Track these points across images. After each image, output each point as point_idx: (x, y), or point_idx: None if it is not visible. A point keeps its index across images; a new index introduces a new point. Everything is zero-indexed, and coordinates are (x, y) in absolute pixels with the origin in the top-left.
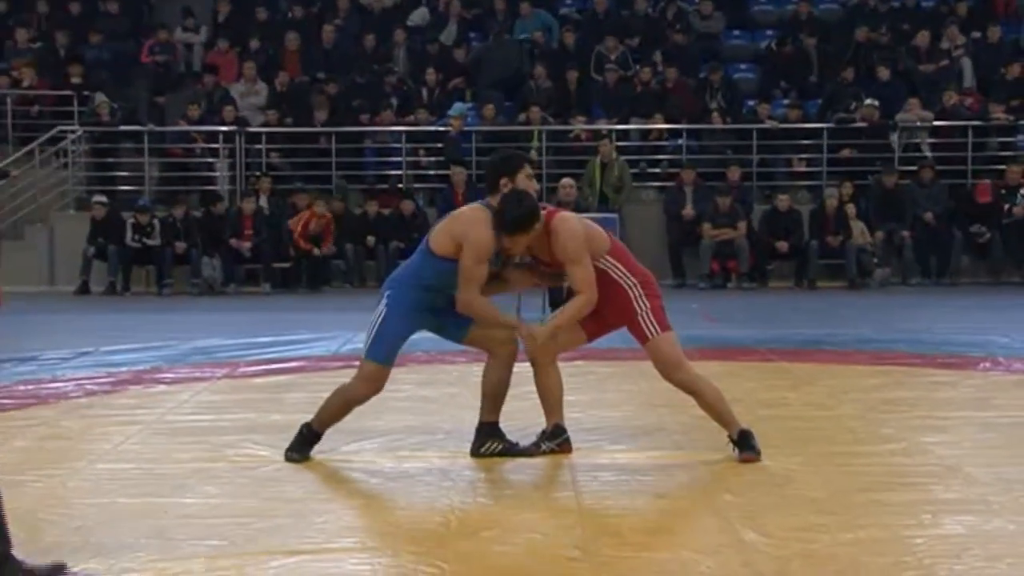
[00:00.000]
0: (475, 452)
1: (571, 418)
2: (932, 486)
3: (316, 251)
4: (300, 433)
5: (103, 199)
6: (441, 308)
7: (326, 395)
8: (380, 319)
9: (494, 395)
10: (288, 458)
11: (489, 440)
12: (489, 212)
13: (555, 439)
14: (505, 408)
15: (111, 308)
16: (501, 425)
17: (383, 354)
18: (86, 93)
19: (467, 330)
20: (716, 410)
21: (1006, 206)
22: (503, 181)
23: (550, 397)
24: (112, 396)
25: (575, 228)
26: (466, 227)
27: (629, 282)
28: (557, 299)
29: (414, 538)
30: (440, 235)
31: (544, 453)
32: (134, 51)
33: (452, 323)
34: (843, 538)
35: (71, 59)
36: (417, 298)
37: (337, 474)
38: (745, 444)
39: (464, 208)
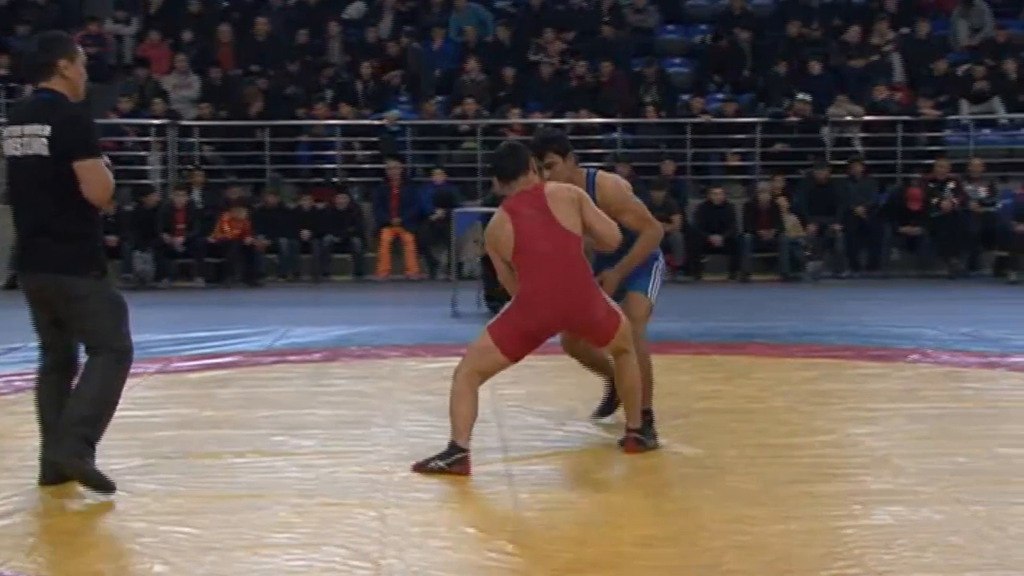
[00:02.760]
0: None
1: (507, 411)
2: (862, 477)
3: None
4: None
5: None
6: None
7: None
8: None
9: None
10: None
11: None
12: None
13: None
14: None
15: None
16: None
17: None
18: (12, 84)
19: None
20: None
21: (934, 200)
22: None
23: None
24: None
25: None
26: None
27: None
28: (492, 293)
29: (348, 534)
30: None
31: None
32: None
33: None
34: (775, 529)
35: None
36: None
37: (270, 469)
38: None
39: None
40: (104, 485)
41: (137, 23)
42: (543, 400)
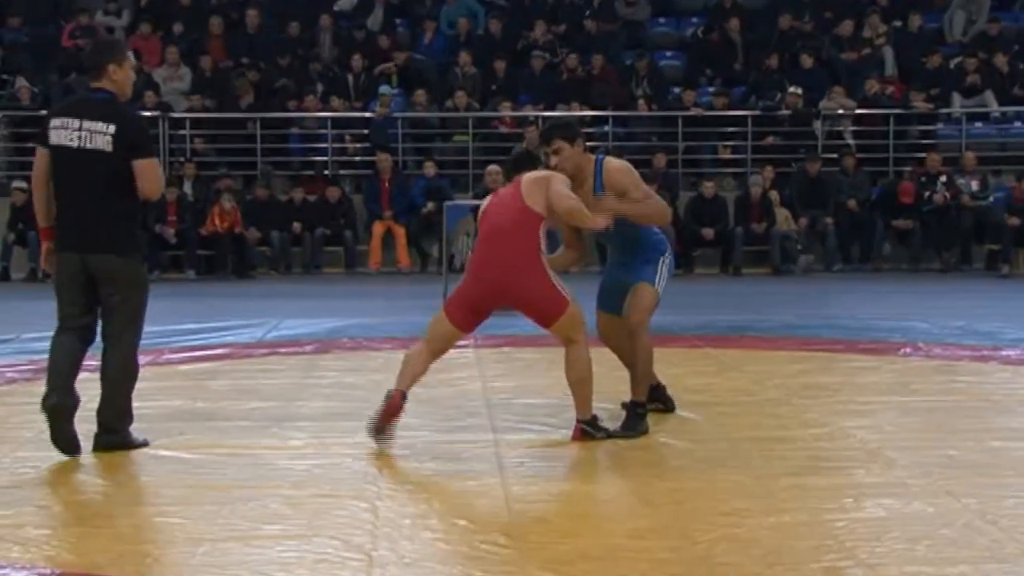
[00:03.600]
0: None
1: (497, 404)
2: (854, 470)
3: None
4: (633, 414)
5: (23, 185)
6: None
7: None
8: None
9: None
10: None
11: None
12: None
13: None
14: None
15: (32, 295)
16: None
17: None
18: (4, 77)
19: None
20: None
21: (926, 194)
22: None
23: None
24: (34, 384)
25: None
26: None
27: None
28: None
29: (340, 526)
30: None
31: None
32: (54, 35)
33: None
34: (767, 522)
35: None
36: None
37: (262, 461)
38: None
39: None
40: (142, 444)
41: (128, 15)
42: (534, 392)
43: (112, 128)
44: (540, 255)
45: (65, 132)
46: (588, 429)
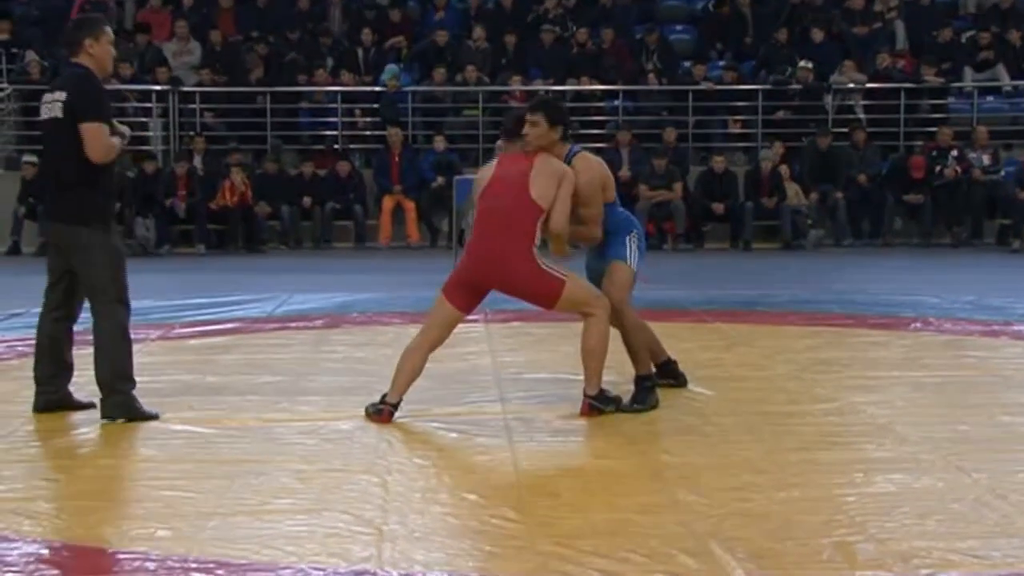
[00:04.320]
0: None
1: (507, 379)
2: (864, 445)
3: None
4: (641, 387)
5: (33, 159)
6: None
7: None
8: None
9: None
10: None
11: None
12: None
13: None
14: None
15: (42, 269)
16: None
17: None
18: (14, 50)
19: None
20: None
21: (937, 168)
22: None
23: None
24: None
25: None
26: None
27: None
28: None
29: (350, 500)
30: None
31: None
32: (64, 7)
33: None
34: (777, 497)
35: None
36: None
37: (272, 435)
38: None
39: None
40: (152, 416)
41: None
42: (543, 367)
43: (63, 95)
44: (532, 244)
45: (44, 107)
46: (595, 404)
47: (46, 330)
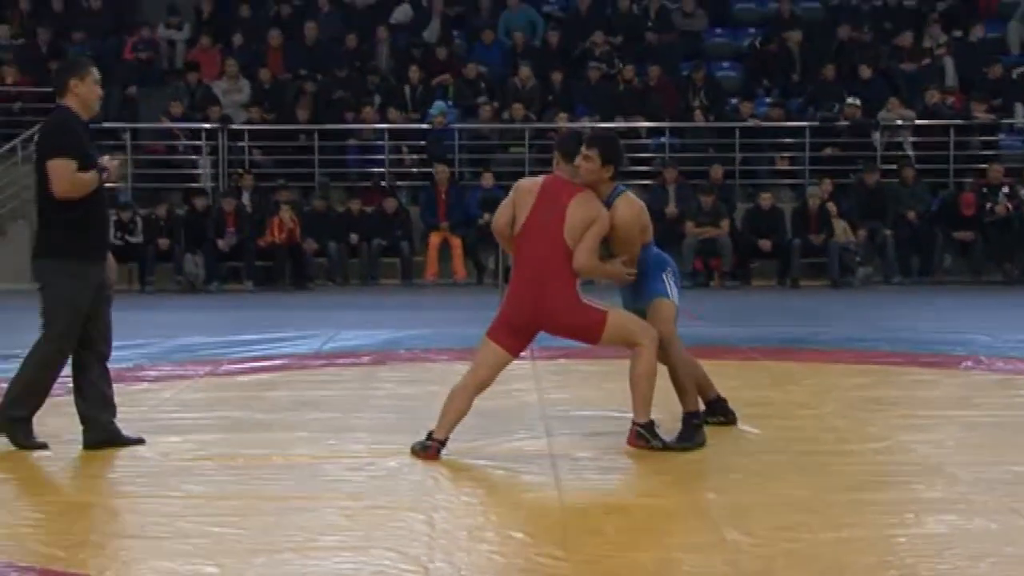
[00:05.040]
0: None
1: (554, 416)
2: (915, 485)
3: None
4: (689, 425)
5: None
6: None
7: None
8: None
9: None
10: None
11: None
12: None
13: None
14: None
15: None
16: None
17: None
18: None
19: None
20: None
21: (988, 205)
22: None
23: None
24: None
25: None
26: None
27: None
28: None
29: (397, 537)
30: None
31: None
32: (117, 48)
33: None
34: (826, 537)
35: (53, 55)
36: None
37: (319, 472)
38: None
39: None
40: (38, 446)
41: (189, 28)
42: (590, 404)
43: (37, 136)
44: (571, 282)
45: None
46: (643, 433)
47: (81, 369)
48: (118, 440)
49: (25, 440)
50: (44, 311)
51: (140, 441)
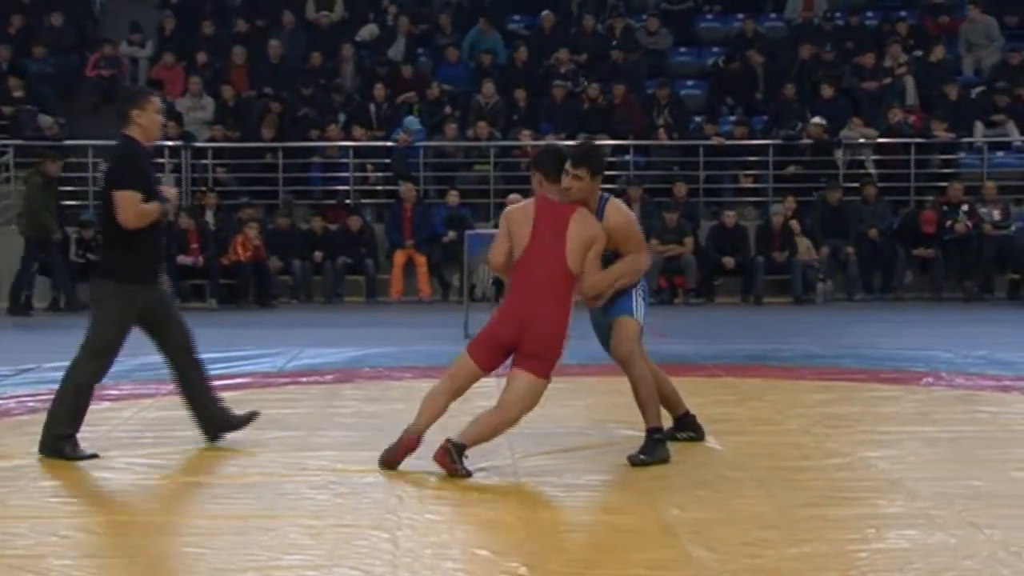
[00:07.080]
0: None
1: (519, 433)
2: (876, 500)
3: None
4: (650, 440)
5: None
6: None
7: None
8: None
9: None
10: (653, 462)
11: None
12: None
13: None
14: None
15: (54, 324)
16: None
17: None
18: (28, 107)
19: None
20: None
21: (948, 223)
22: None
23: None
24: None
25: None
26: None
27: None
28: None
29: (361, 556)
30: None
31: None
32: (78, 65)
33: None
34: (788, 553)
35: (13, 72)
36: None
37: (283, 490)
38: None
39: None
40: (86, 457)
41: (152, 46)
42: (554, 421)
43: (104, 166)
44: (567, 310)
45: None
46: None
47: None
48: (233, 422)
49: (73, 453)
50: (91, 326)
51: (252, 416)
